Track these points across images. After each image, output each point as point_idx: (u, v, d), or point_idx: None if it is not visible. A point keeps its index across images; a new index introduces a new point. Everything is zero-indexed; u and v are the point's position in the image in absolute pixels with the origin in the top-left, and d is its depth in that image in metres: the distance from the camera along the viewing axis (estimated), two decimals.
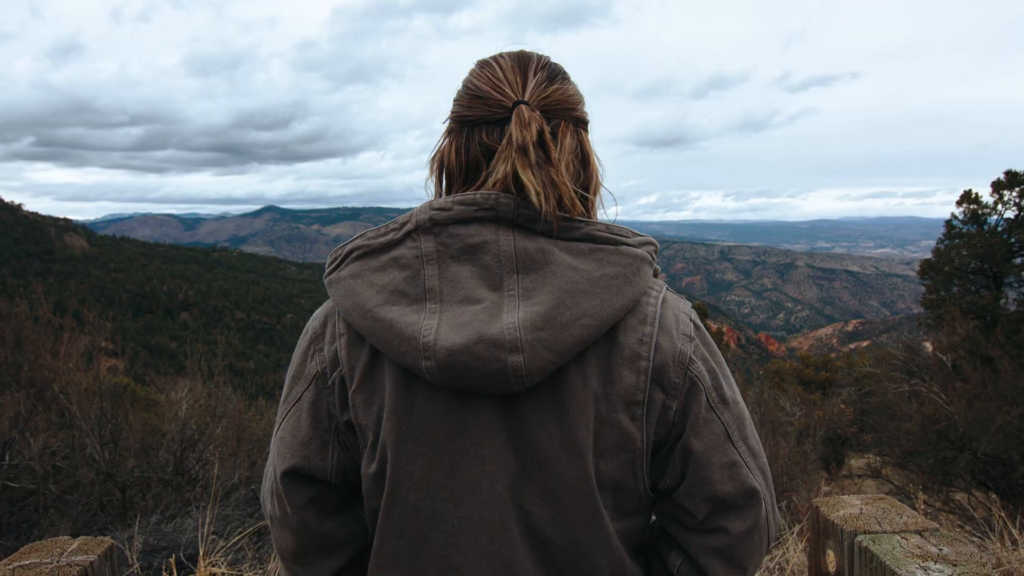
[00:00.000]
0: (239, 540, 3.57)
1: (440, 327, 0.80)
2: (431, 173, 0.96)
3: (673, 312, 0.90)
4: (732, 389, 0.92)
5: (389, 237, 0.87)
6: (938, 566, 1.02)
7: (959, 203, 14.26)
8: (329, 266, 0.91)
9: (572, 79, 0.94)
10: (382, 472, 0.87)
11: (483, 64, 0.93)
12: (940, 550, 1.07)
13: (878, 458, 10.66)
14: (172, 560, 3.16)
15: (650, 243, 0.90)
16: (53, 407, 5.41)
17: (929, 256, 14.97)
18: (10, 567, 1.15)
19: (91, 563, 1.17)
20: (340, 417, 0.89)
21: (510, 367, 0.78)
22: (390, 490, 0.87)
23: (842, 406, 14.10)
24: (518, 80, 0.89)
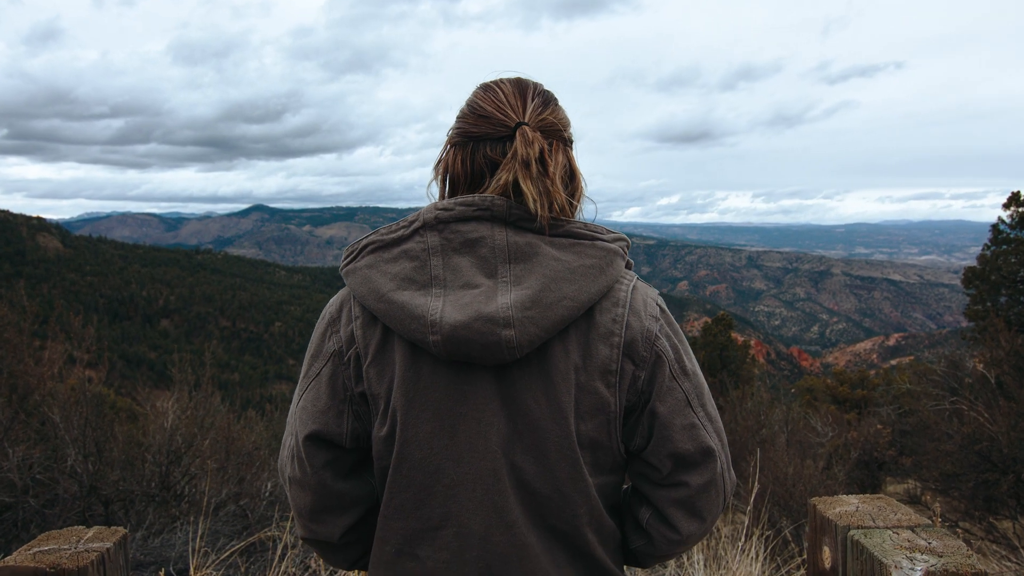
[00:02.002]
0: (231, 556, 3.72)
1: (445, 307, 1.02)
2: (435, 178, 1.19)
3: (642, 297, 1.13)
4: (693, 363, 1.16)
5: (399, 233, 1.09)
6: (924, 556, 1.15)
7: (1006, 206, 14.30)
8: (345, 259, 1.13)
9: (561, 104, 1.19)
10: (392, 434, 1.09)
11: (486, 88, 1.16)
12: (929, 543, 1.20)
13: (917, 483, 10.69)
14: (161, 573, 3.32)
15: (622, 239, 1.13)
16: (34, 416, 5.59)
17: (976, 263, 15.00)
18: (31, 551, 1.30)
19: (107, 550, 1.32)
20: (354, 389, 1.11)
21: (504, 340, 1.00)
22: (399, 450, 1.08)
23: (879, 427, 14.11)
24: (519, 104, 1.13)
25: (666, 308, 1.16)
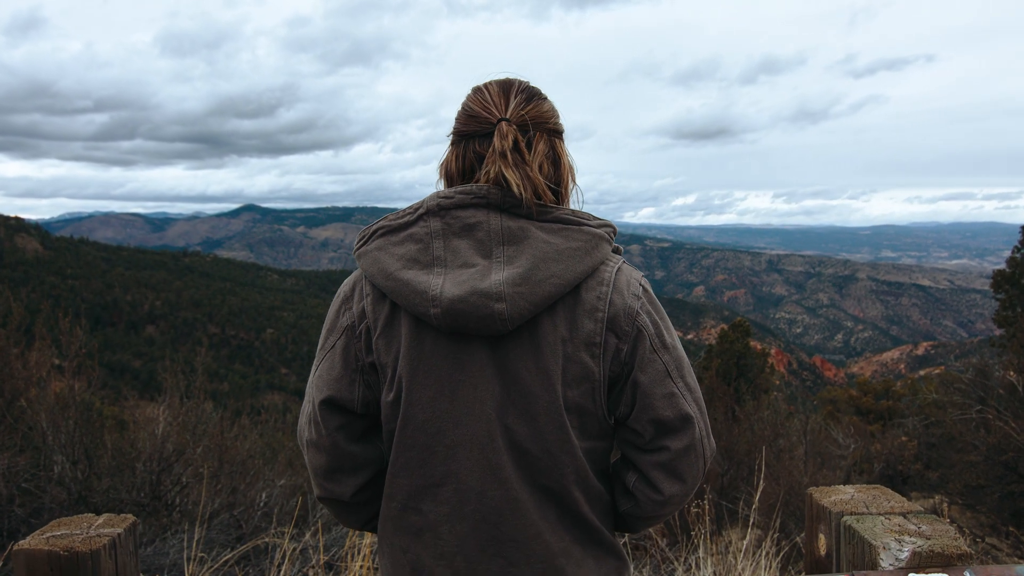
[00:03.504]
0: (227, 564, 3.83)
1: (445, 284, 1.21)
2: (440, 177, 1.40)
3: (626, 278, 1.31)
4: (673, 339, 1.34)
5: (406, 219, 1.29)
6: (912, 539, 1.26)
7: None
8: (358, 242, 1.33)
9: (548, 98, 1.39)
10: (398, 399, 1.28)
11: (476, 90, 1.37)
12: (919, 528, 1.31)
13: (944, 498, 10.72)
14: None
15: (607, 225, 1.31)
16: (21, 422, 5.71)
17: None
18: (44, 536, 1.42)
19: (118, 535, 1.44)
20: (365, 359, 1.30)
21: (496, 312, 1.18)
22: (404, 413, 1.27)
23: (903, 439, 14.16)
24: (502, 102, 1.33)
25: (649, 289, 1.34)
